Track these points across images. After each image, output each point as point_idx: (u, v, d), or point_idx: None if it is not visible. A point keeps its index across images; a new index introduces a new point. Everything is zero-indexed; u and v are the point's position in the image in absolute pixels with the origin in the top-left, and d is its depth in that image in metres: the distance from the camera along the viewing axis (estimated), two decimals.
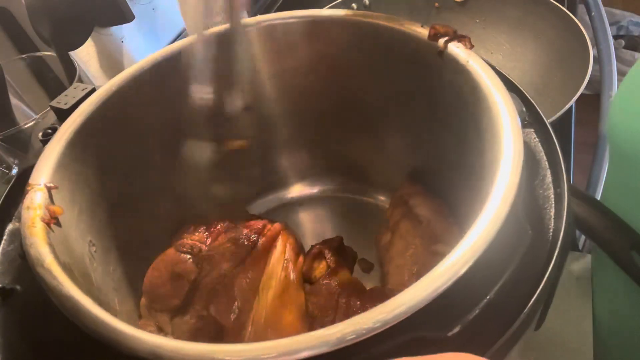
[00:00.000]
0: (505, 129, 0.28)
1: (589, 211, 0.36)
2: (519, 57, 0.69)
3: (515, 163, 0.26)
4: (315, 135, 0.49)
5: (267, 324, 0.35)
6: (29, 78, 0.60)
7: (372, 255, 0.45)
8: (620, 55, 1.46)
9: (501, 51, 0.71)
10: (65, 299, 0.24)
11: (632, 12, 1.52)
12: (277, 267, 0.38)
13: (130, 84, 0.38)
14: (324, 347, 0.20)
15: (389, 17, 0.38)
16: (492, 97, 0.30)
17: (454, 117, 0.36)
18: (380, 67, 0.41)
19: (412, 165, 0.46)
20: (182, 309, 0.36)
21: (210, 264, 0.37)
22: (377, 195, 0.50)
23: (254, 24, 0.41)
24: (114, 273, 0.36)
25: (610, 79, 0.66)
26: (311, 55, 0.42)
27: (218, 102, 0.44)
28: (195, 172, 0.46)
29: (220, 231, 0.40)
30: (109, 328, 0.22)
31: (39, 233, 0.27)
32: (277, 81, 0.44)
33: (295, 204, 0.52)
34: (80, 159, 0.34)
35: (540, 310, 0.26)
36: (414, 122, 0.42)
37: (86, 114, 0.35)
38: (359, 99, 0.44)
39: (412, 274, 0.37)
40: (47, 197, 0.29)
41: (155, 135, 0.41)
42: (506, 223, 0.23)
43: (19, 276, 0.30)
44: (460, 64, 0.33)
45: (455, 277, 0.21)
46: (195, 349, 0.21)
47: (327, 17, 0.40)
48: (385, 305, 0.21)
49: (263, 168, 0.50)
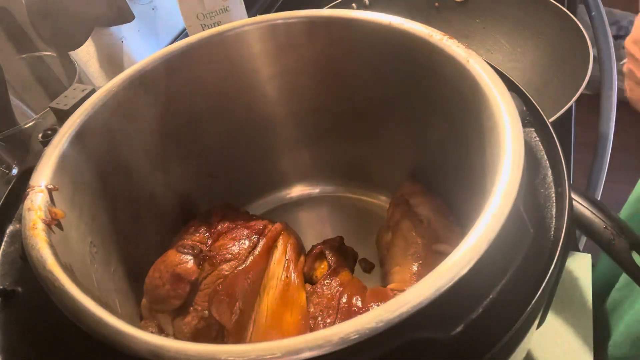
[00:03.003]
0: (506, 128, 0.28)
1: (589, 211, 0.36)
2: (519, 57, 0.69)
3: (516, 162, 0.26)
4: (315, 135, 0.49)
5: (269, 324, 0.35)
6: (29, 78, 0.60)
7: (373, 255, 0.45)
8: (620, 55, 1.46)
9: (501, 51, 0.71)
10: (66, 300, 0.24)
11: (632, 12, 1.52)
12: (278, 268, 0.38)
13: (130, 85, 0.38)
14: (327, 348, 0.20)
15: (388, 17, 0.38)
16: (492, 97, 0.30)
17: (454, 116, 0.36)
18: (380, 66, 0.41)
19: (412, 165, 0.46)
20: (183, 310, 0.36)
21: (211, 264, 0.37)
22: (378, 194, 0.50)
23: (254, 24, 0.41)
24: (114, 274, 0.36)
25: (610, 79, 0.66)
26: (311, 55, 0.42)
27: (218, 101, 0.44)
28: (195, 173, 0.46)
29: (221, 232, 0.40)
30: (111, 329, 0.22)
31: (39, 235, 0.27)
32: (277, 81, 0.44)
33: (296, 204, 0.52)
34: (80, 160, 0.34)
35: (542, 309, 0.26)
36: (414, 122, 0.42)
37: (86, 115, 0.35)
38: (359, 98, 0.44)
39: (413, 273, 0.37)
40: (47, 198, 0.29)
41: (155, 136, 0.41)
42: (508, 222, 0.23)
43: (19, 278, 0.30)
44: (460, 64, 0.33)
45: (457, 276, 0.21)
46: (197, 349, 0.21)
47: (327, 17, 0.40)
48: (388, 305, 0.21)
49: (263, 168, 0.50)
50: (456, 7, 0.75)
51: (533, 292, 0.25)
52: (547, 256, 0.26)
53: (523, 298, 0.24)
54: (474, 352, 0.23)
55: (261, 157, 0.50)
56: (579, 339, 0.43)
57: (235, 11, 0.57)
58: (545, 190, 0.30)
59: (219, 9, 0.56)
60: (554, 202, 0.29)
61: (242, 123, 0.46)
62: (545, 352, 0.42)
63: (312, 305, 0.36)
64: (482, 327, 0.23)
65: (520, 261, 0.24)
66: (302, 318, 0.35)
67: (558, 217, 0.28)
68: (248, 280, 0.36)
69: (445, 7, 0.75)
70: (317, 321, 0.35)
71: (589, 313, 0.45)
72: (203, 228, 0.40)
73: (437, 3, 0.75)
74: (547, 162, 0.32)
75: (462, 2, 0.74)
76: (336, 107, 0.46)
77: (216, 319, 0.35)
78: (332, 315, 0.35)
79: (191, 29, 0.57)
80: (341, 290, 0.37)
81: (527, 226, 0.25)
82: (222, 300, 0.35)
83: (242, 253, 0.37)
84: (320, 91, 0.45)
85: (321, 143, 0.49)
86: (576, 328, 0.43)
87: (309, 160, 0.51)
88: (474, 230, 0.23)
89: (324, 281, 0.38)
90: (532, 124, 0.34)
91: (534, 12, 0.68)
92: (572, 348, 0.42)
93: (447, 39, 0.34)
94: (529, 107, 0.35)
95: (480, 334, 0.23)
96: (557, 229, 0.28)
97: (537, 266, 0.26)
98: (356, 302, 0.35)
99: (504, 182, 0.25)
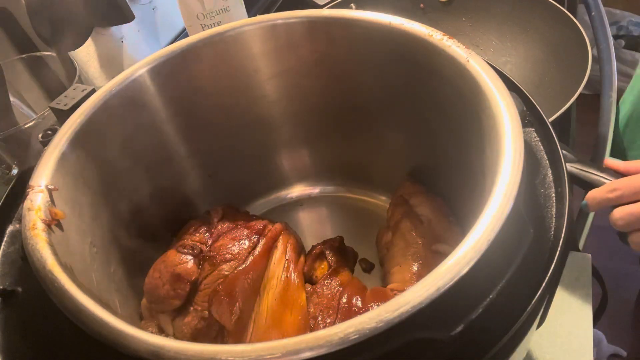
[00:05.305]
0: (506, 128, 0.28)
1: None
2: (510, 52, 0.70)
3: (516, 162, 0.26)
4: (315, 135, 0.49)
5: (269, 324, 0.35)
6: (29, 78, 0.60)
7: (373, 254, 0.45)
8: (620, 55, 1.46)
9: (491, 47, 0.72)
10: (67, 301, 0.24)
11: (632, 12, 1.52)
12: (278, 268, 0.38)
13: (130, 85, 0.38)
14: (327, 348, 0.20)
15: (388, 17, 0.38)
16: (492, 97, 0.30)
17: (454, 116, 0.36)
18: (380, 66, 0.41)
19: (412, 165, 0.46)
20: (183, 310, 0.36)
21: (211, 264, 0.37)
22: (378, 194, 0.50)
23: (254, 24, 0.41)
24: (114, 274, 0.36)
25: (610, 79, 0.66)
26: (311, 55, 0.42)
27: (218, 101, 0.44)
28: (195, 173, 0.46)
29: (221, 232, 0.40)
30: (111, 329, 0.22)
31: (39, 235, 0.27)
32: (277, 81, 0.44)
33: (296, 204, 0.52)
34: (80, 161, 0.34)
35: (542, 309, 0.26)
36: (414, 122, 0.42)
37: (86, 115, 0.35)
38: (359, 99, 0.44)
39: (413, 273, 0.37)
40: (47, 198, 0.29)
41: (155, 136, 0.41)
42: (508, 222, 0.23)
43: (19, 278, 0.30)
44: (460, 64, 0.33)
45: (457, 276, 0.21)
46: (197, 349, 0.21)
47: (327, 17, 0.40)
48: (388, 305, 0.21)
49: (263, 168, 0.50)
50: (442, 7, 0.75)
51: (533, 292, 0.25)
52: (547, 256, 0.26)
53: (523, 298, 0.24)
54: (474, 352, 0.23)
55: (261, 157, 0.50)
56: (579, 339, 0.43)
57: (235, 11, 0.57)
58: (545, 190, 0.30)
59: (219, 9, 0.56)
60: (554, 202, 0.29)
61: (242, 123, 0.46)
62: (545, 352, 0.42)
63: (312, 305, 0.36)
64: (482, 327, 0.23)
65: (520, 261, 0.24)
66: (302, 318, 0.35)
67: (558, 217, 0.28)
68: (248, 280, 0.36)
69: (431, 8, 0.76)
70: (317, 321, 0.35)
71: (589, 313, 0.45)
72: (203, 228, 0.40)
73: (422, 4, 0.76)
74: (547, 162, 0.32)
75: (446, 2, 0.74)
76: (336, 107, 0.46)
77: (216, 319, 0.35)
78: (332, 315, 0.35)
79: (191, 29, 0.57)
80: (341, 290, 0.37)
81: (527, 226, 0.25)
82: (222, 300, 0.35)
83: (242, 253, 0.37)
84: (320, 91, 0.45)
85: (321, 143, 0.49)
86: (576, 328, 0.43)
87: (309, 160, 0.51)
88: (474, 230, 0.23)
89: (324, 281, 0.38)
90: (532, 123, 0.34)
91: (520, 6, 0.68)
92: (572, 348, 0.42)
93: (447, 39, 0.34)
94: (529, 107, 0.35)
95: (480, 334, 0.23)
96: (557, 229, 0.28)
97: (537, 266, 0.26)
98: (356, 302, 0.35)
99: (504, 182, 0.25)
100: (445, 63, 0.34)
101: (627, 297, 1.13)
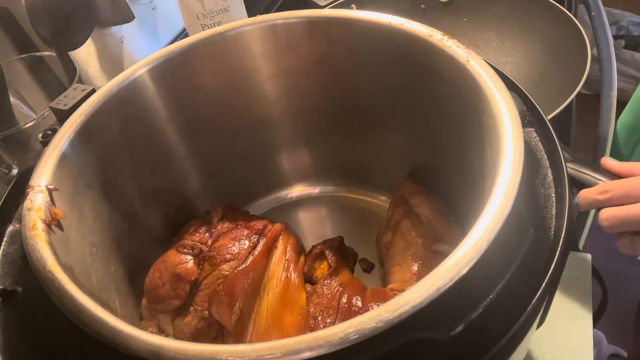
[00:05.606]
0: (506, 128, 0.28)
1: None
2: (510, 52, 0.70)
3: (516, 162, 0.26)
4: (315, 135, 0.49)
5: (269, 324, 0.35)
6: (29, 78, 0.60)
7: (373, 254, 0.45)
8: (620, 55, 1.46)
9: (491, 47, 0.72)
10: (67, 301, 0.24)
11: (632, 12, 1.52)
12: (278, 268, 0.38)
13: (130, 85, 0.38)
14: (327, 348, 0.20)
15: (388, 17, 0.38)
16: (492, 97, 0.30)
17: (454, 116, 0.36)
18: (380, 66, 0.41)
19: (412, 165, 0.46)
20: (183, 310, 0.36)
21: (211, 264, 0.37)
22: (378, 195, 0.50)
23: (254, 24, 0.41)
24: (114, 274, 0.36)
25: (610, 79, 0.66)
26: (311, 55, 0.42)
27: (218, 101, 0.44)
28: (195, 173, 0.46)
29: (221, 232, 0.40)
30: (111, 329, 0.22)
31: (39, 235, 0.27)
32: (277, 81, 0.44)
33: (296, 204, 0.52)
34: (80, 161, 0.34)
35: (542, 309, 0.26)
36: (415, 122, 0.42)
37: (86, 115, 0.35)
38: (359, 99, 0.44)
39: (413, 273, 0.37)
40: (47, 198, 0.29)
41: (155, 136, 0.41)
42: (508, 222, 0.23)
43: (19, 278, 0.30)
44: (460, 64, 0.33)
45: (457, 276, 0.21)
46: (197, 349, 0.21)
47: (327, 17, 0.40)
48: (388, 305, 0.21)
49: (263, 168, 0.50)
50: (442, 8, 0.75)
51: (533, 292, 0.25)
52: (547, 256, 0.26)
53: (523, 298, 0.24)
54: (474, 352, 0.23)
55: (261, 157, 0.50)
56: (579, 339, 0.43)
57: (235, 11, 0.57)
58: (545, 190, 0.30)
59: (219, 9, 0.56)
60: (554, 202, 0.29)
61: (242, 123, 0.46)
62: (545, 352, 0.42)
63: (312, 305, 0.36)
64: (482, 327, 0.23)
65: (520, 261, 0.24)
66: (302, 318, 0.35)
67: (558, 217, 0.28)
68: (248, 280, 0.36)
69: (432, 9, 0.76)
70: (317, 321, 0.35)
71: (589, 313, 0.45)
72: (203, 228, 0.40)
73: (423, 5, 0.76)
74: (547, 162, 0.32)
75: (447, 3, 0.75)
76: (336, 107, 0.46)
77: (216, 319, 0.35)
78: (332, 315, 0.35)
79: (191, 29, 0.57)
80: (341, 290, 0.37)
81: (527, 226, 0.25)
82: (222, 300, 0.35)
83: (242, 253, 0.37)
84: (320, 91, 0.45)
85: (321, 143, 0.49)
86: (576, 328, 0.43)
87: (309, 160, 0.51)
88: (474, 230, 0.23)
89: (324, 281, 0.38)
90: (532, 123, 0.34)
91: (520, 6, 0.69)
92: (572, 348, 0.42)
93: (447, 39, 0.34)
94: (529, 107, 0.35)
95: (480, 334, 0.23)
96: (557, 229, 0.28)
97: (537, 266, 0.26)
98: (356, 302, 0.35)
99: (504, 182, 0.25)
100: (445, 63, 0.34)
101: (627, 297, 1.13)
